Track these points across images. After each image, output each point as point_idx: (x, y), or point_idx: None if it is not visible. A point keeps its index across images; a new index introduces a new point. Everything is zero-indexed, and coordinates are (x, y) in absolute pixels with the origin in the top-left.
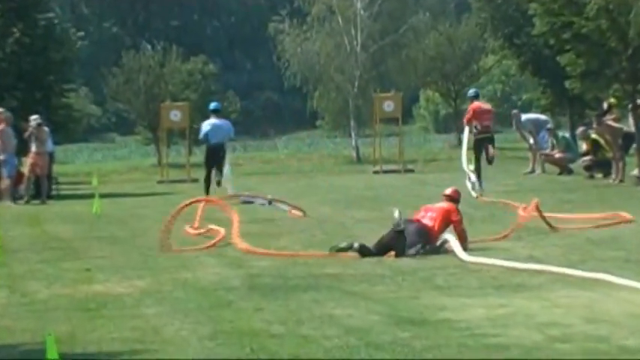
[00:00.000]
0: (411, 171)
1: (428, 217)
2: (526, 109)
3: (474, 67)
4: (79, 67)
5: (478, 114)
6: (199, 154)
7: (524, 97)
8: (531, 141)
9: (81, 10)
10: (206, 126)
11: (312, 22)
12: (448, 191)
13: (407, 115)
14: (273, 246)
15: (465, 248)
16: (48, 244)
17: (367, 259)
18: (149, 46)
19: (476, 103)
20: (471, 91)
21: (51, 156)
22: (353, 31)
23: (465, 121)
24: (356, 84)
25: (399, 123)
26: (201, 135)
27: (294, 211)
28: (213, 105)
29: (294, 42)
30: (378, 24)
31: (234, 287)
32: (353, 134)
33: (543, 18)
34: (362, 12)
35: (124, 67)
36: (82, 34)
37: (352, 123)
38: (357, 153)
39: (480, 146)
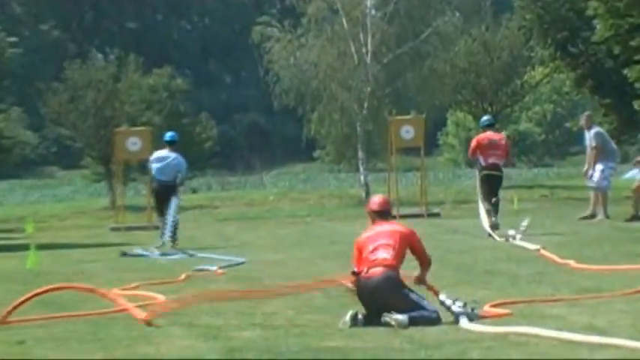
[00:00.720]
0: (437, 215)
1: (381, 250)
2: (582, 136)
3: (517, 83)
4: (9, 82)
5: (484, 147)
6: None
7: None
8: (586, 166)
9: (12, 10)
10: (151, 160)
11: (309, 24)
12: (377, 205)
13: (431, 144)
14: (260, 312)
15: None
16: None
17: (381, 328)
18: (100, 55)
19: (483, 134)
20: (485, 119)
21: None
22: (362, 36)
23: (469, 154)
24: (365, 104)
25: (420, 154)
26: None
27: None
28: (168, 135)
29: (286, 50)
30: (393, 27)
31: None
32: (361, 168)
33: (606, 20)
34: (373, 12)
35: (68, 82)
36: (13, 39)
37: (360, 154)
38: (367, 192)
39: (483, 185)
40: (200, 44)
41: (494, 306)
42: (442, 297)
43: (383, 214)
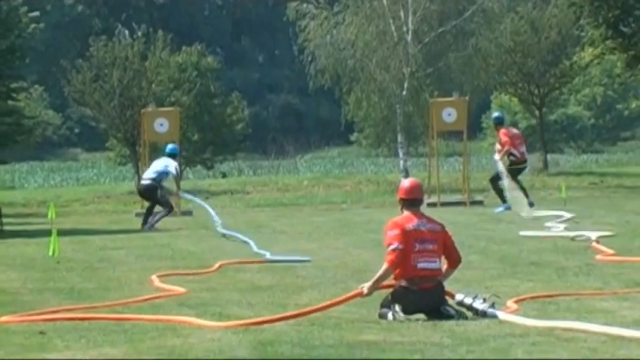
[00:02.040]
0: (479, 203)
1: (427, 257)
2: (634, 120)
3: (566, 64)
4: (31, 59)
5: (512, 139)
6: (194, 177)
7: (633, 104)
8: None
9: None
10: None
11: (347, 0)
12: (405, 192)
13: (474, 127)
14: (293, 304)
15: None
16: None
17: (420, 322)
18: (126, 32)
19: (505, 129)
20: (496, 115)
21: None
22: (402, 14)
23: (503, 149)
24: (405, 85)
25: (463, 138)
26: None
27: None
28: (169, 148)
29: (322, 28)
30: (435, 4)
31: None
32: (401, 153)
33: None
34: None
35: (92, 60)
36: (36, 14)
37: (399, 137)
38: (406, 177)
39: (516, 176)
40: (231, 21)
41: (517, 301)
42: (459, 297)
43: (413, 202)
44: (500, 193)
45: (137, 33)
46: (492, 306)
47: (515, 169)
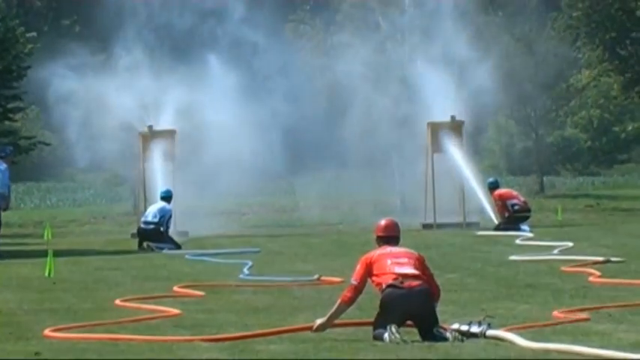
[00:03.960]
0: (476, 225)
1: (407, 266)
2: (630, 143)
3: (563, 86)
4: (28, 79)
5: (507, 196)
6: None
7: (629, 127)
8: None
9: (32, 3)
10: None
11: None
12: (382, 229)
13: (471, 149)
14: (288, 324)
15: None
16: None
17: (416, 344)
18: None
19: (498, 191)
20: (491, 180)
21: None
22: (399, 37)
23: (500, 213)
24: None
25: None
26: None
27: None
28: (164, 192)
29: (319, 49)
30: (431, 27)
31: None
32: (396, 174)
33: None
34: (411, 10)
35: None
36: (33, 34)
37: (395, 158)
38: (403, 199)
39: (518, 223)
40: None
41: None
42: (455, 326)
43: (389, 239)
44: (507, 230)
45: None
46: (489, 327)
47: (520, 217)
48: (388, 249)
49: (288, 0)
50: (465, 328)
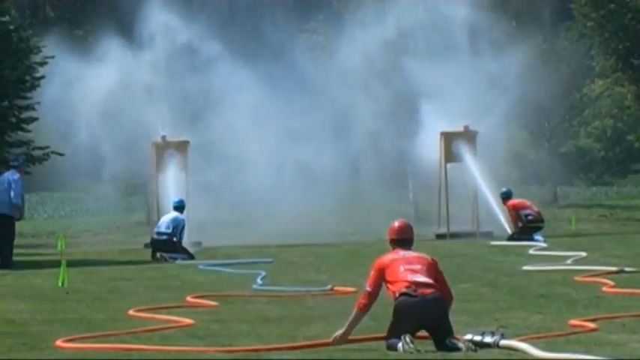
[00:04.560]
0: (489, 234)
1: (419, 274)
2: None
3: (576, 96)
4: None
5: (521, 206)
6: (212, 201)
7: None
8: None
9: (46, 14)
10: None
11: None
12: (395, 232)
13: (485, 159)
14: (302, 336)
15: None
16: None
17: (430, 353)
18: None
19: (511, 201)
20: (504, 190)
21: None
22: (410, 45)
23: (513, 223)
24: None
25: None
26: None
27: None
28: (176, 201)
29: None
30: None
31: None
32: (410, 184)
33: None
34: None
35: None
36: (46, 45)
37: (409, 168)
38: (416, 209)
39: (532, 233)
40: None
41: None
42: (469, 337)
43: (403, 242)
44: (520, 240)
45: None
46: (502, 337)
47: (534, 227)
48: (402, 253)
49: (300, 11)
50: (478, 338)
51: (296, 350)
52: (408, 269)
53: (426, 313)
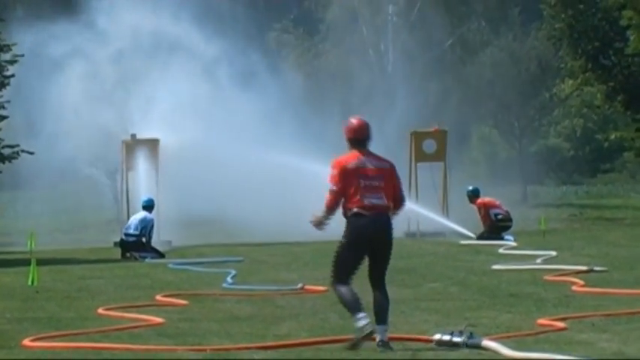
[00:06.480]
0: (459, 234)
1: (376, 194)
2: (614, 152)
3: (546, 96)
4: (12, 88)
5: (490, 205)
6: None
7: (612, 136)
8: None
9: (14, 12)
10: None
11: (327, 31)
12: (353, 131)
13: (454, 159)
14: (272, 334)
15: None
16: None
17: (399, 352)
18: None
19: (481, 199)
20: (471, 188)
21: None
22: (382, 46)
23: (482, 222)
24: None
25: (443, 169)
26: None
27: None
28: (145, 200)
29: (303, 58)
30: (415, 36)
31: None
32: None
33: None
34: (394, 19)
35: None
36: (15, 43)
37: None
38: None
39: (501, 232)
40: None
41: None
42: (437, 337)
43: (360, 141)
44: (490, 239)
45: None
46: (471, 336)
47: (503, 226)
48: (360, 159)
49: (271, 9)
50: (446, 338)
51: (267, 350)
52: (365, 187)
53: (375, 231)
